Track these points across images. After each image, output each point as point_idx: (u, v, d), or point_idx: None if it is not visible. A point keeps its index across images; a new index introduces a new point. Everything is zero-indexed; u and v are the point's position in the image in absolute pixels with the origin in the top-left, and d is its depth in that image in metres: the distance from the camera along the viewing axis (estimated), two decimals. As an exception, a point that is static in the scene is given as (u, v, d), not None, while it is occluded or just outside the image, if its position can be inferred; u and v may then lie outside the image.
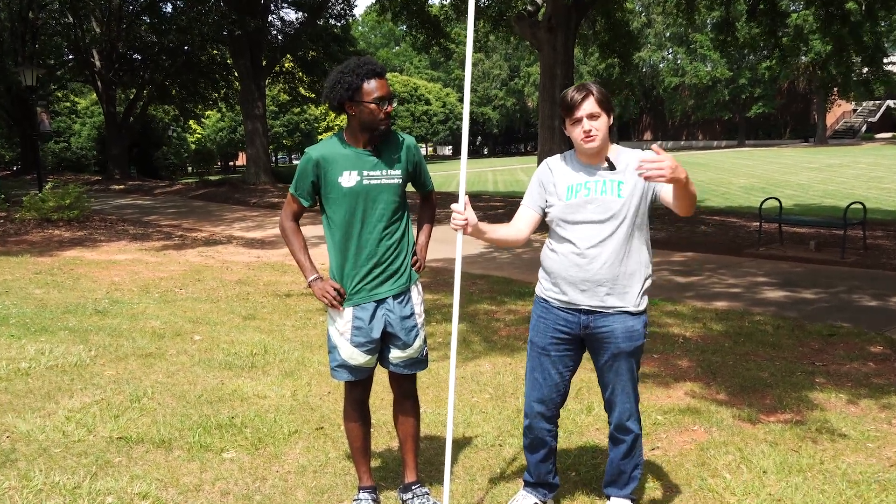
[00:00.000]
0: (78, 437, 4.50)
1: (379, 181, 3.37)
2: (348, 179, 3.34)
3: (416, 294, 3.56)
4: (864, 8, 15.73)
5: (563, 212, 3.25)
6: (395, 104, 3.33)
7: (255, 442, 4.44)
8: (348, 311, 3.43)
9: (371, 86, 3.26)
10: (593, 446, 4.41)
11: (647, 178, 2.84)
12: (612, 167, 3.21)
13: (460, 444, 4.41)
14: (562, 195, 3.27)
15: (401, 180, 3.44)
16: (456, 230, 3.29)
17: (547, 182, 3.34)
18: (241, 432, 4.58)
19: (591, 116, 3.14)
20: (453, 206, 3.25)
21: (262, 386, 5.48)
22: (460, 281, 3.44)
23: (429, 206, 3.75)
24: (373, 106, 3.27)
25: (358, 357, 3.44)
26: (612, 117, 3.20)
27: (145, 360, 6.13)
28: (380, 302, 3.44)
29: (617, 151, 3.26)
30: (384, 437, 4.57)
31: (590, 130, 3.15)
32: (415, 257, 3.58)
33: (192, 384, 5.54)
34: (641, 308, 3.26)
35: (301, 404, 5.11)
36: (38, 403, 5.07)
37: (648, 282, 3.30)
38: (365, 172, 3.35)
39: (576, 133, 3.18)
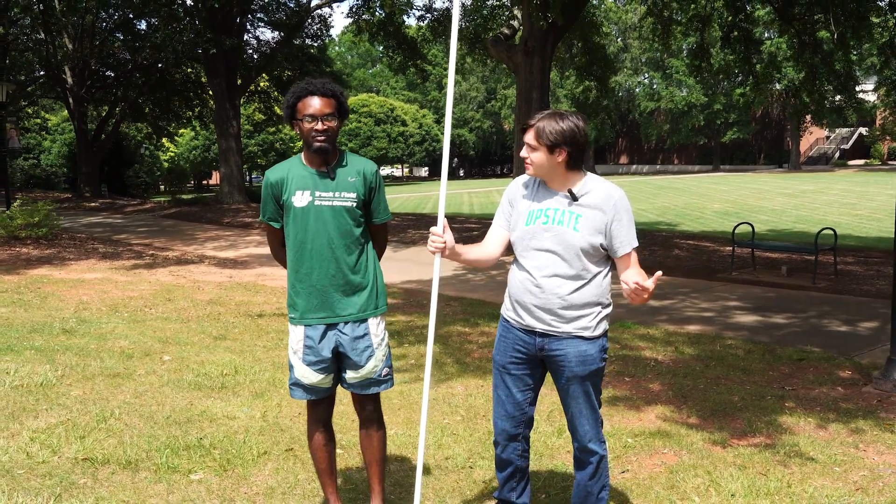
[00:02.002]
0: (42, 458, 4.46)
1: (330, 203, 3.41)
2: (300, 199, 3.40)
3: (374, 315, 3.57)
4: (835, 37, 16.04)
5: (521, 237, 3.30)
6: (332, 122, 3.37)
7: (223, 463, 4.43)
8: (300, 330, 3.48)
9: (304, 103, 3.36)
10: (563, 469, 4.44)
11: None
12: (574, 198, 3.22)
13: (431, 465, 4.42)
14: (522, 219, 3.31)
15: (354, 203, 3.45)
16: (433, 253, 3.32)
17: (514, 200, 3.39)
18: (209, 453, 4.57)
19: (529, 147, 3.21)
20: (432, 229, 3.28)
21: (232, 407, 5.47)
22: (437, 304, 3.47)
23: (378, 241, 3.66)
24: (304, 123, 3.35)
25: (310, 376, 3.49)
26: (558, 153, 3.16)
27: (113, 381, 6.09)
28: (331, 325, 3.47)
29: (584, 182, 3.25)
30: (355, 458, 4.57)
31: (526, 158, 3.23)
32: None
33: (161, 405, 5.51)
34: (597, 334, 3.27)
35: (271, 425, 5.10)
36: (2, 424, 5.02)
37: (605, 311, 3.31)
38: (317, 193, 3.41)
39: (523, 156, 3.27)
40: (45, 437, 4.78)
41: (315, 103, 3.34)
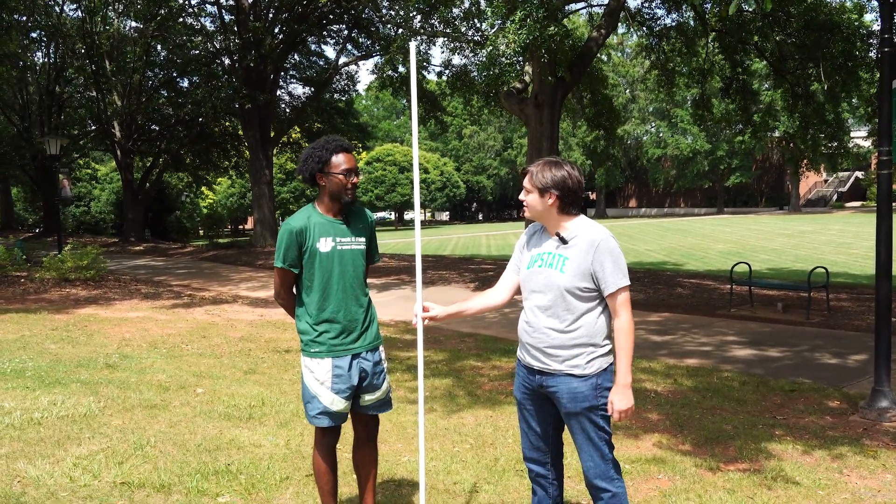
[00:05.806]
0: (84, 482, 4.57)
1: (349, 247, 3.60)
2: (325, 245, 3.55)
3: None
4: (825, 89, 16.13)
5: (523, 280, 3.38)
6: (360, 177, 3.58)
7: (248, 487, 4.52)
8: (328, 362, 3.58)
9: (339, 159, 3.51)
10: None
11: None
12: (563, 241, 3.26)
13: (439, 489, 4.48)
14: (525, 264, 3.39)
15: (365, 247, 3.67)
16: (414, 326, 3.54)
17: (523, 247, 3.47)
18: (235, 478, 4.66)
19: (525, 190, 3.31)
20: (415, 308, 3.49)
21: (258, 435, 5.56)
22: (423, 351, 3.58)
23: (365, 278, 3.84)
24: (340, 177, 3.51)
25: (338, 403, 3.60)
26: (548, 196, 3.24)
27: (150, 411, 6.21)
28: (356, 354, 3.62)
29: (575, 225, 3.27)
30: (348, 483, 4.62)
31: (523, 201, 3.34)
32: None
33: (193, 433, 5.61)
34: (588, 372, 3.21)
35: (293, 453, 5.19)
36: (49, 451, 5.15)
37: (599, 351, 3.24)
38: (338, 239, 3.58)
39: None
40: (87, 463, 4.89)
41: (348, 159, 3.52)
